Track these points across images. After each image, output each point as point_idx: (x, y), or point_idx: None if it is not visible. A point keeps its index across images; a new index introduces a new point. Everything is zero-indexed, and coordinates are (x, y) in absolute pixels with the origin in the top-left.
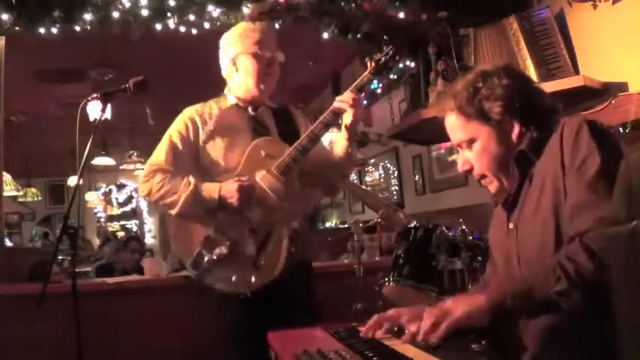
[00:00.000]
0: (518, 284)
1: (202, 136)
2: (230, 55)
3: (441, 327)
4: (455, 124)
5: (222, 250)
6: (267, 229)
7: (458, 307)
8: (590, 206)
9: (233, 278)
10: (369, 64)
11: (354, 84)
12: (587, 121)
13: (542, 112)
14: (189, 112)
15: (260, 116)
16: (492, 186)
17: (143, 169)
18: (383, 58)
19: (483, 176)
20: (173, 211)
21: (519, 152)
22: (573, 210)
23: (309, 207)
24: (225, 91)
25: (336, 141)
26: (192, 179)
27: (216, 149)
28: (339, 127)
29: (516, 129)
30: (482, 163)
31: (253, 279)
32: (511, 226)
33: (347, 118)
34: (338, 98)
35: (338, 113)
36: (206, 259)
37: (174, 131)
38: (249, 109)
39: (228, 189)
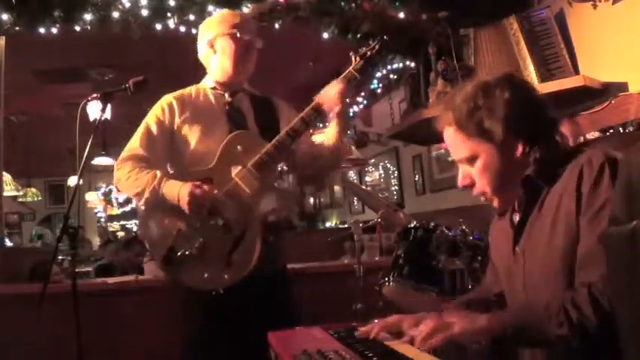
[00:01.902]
0: (521, 317)
1: (178, 120)
2: (208, 37)
3: (437, 337)
4: (454, 140)
5: (194, 246)
6: (243, 226)
7: (459, 322)
8: (602, 260)
9: (205, 275)
10: (353, 58)
11: (336, 80)
12: (609, 162)
13: (545, 127)
14: (168, 98)
15: (237, 102)
16: (494, 202)
17: None
18: (369, 53)
19: (483, 193)
20: (140, 203)
21: (526, 177)
22: (584, 260)
23: (288, 204)
24: (205, 77)
25: (327, 132)
26: (158, 173)
27: (189, 136)
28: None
29: (519, 147)
30: (483, 182)
31: (226, 276)
32: (518, 250)
33: (337, 110)
34: (320, 94)
35: (318, 110)
36: (178, 254)
37: (152, 116)
38: (227, 94)
39: (183, 193)
